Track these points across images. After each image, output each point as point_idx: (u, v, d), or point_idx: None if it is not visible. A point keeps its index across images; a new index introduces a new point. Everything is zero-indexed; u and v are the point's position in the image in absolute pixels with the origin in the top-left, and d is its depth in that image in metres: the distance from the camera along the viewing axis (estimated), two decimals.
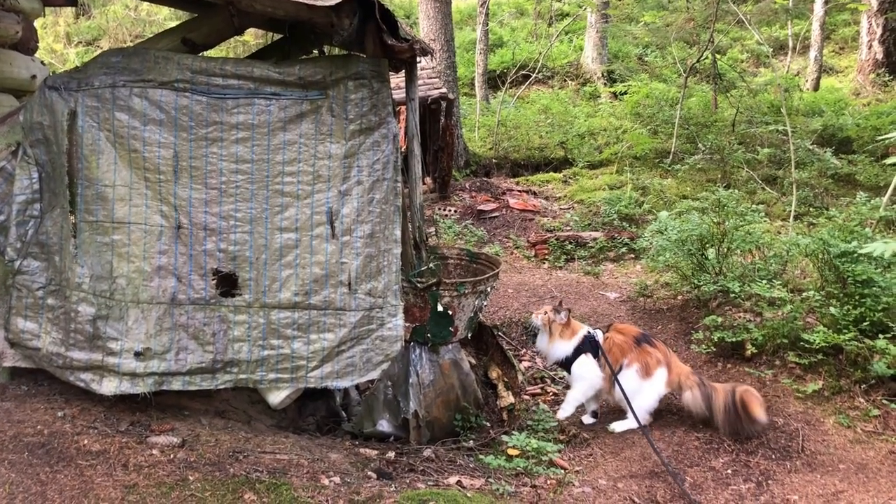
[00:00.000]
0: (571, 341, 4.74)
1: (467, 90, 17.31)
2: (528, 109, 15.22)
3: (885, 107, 12.53)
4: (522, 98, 16.61)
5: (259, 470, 3.76)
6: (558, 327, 4.76)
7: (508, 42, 19.90)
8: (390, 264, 4.12)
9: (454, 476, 4.13)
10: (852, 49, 19.03)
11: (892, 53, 15.80)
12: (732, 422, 4.40)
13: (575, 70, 18.43)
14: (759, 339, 5.18)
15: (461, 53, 18.82)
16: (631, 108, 13.81)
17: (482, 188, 10.72)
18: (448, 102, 9.94)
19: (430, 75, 10.26)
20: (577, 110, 14.97)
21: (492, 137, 13.24)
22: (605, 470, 4.30)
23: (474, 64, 16.81)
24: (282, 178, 4.00)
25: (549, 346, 4.81)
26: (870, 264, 5.17)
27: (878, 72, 15.53)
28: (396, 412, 4.57)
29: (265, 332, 4.07)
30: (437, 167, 10.04)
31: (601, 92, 16.57)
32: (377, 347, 4.15)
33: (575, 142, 12.99)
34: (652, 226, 6.85)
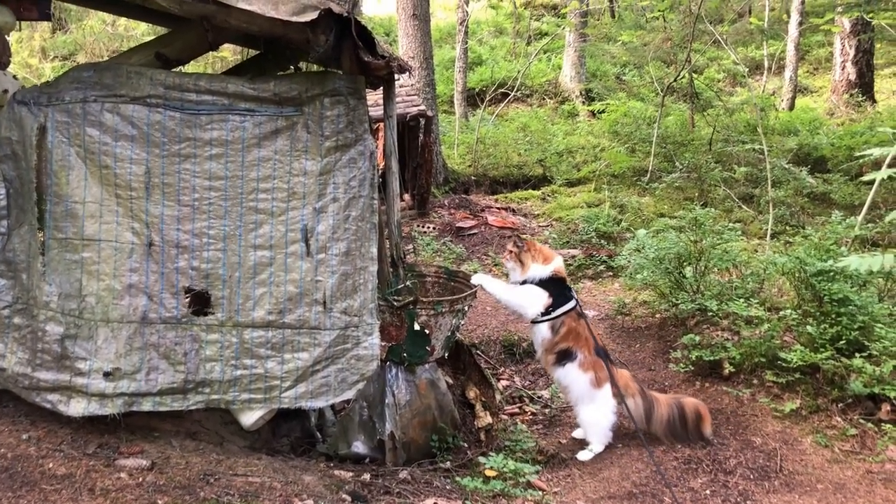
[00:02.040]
0: (548, 265, 4.70)
1: (446, 108, 17.34)
2: (507, 127, 15.27)
3: (859, 127, 12.70)
4: (501, 116, 16.67)
5: (230, 493, 3.67)
6: (526, 255, 4.70)
7: (487, 60, 20.00)
8: (366, 282, 4.06)
9: (430, 498, 4.06)
10: (826, 69, 19.34)
11: (865, 74, 16.07)
12: (677, 434, 4.53)
13: (553, 88, 18.55)
14: (736, 357, 5.17)
15: (440, 71, 18.88)
16: (609, 126, 13.89)
17: (461, 205, 10.70)
18: (427, 120, 9.93)
19: (408, 92, 10.25)
20: (556, 128, 15.04)
21: (471, 155, 13.25)
22: (583, 491, 4.26)
23: (453, 82, 16.85)
24: (256, 194, 3.94)
25: (524, 275, 4.72)
26: (846, 283, 5.20)
27: (852, 92, 15.78)
28: (372, 433, 4.49)
29: (238, 351, 3.99)
30: (415, 184, 10.01)
31: (579, 110, 16.67)
32: (352, 367, 4.08)
33: (553, 160, 13.04)
34: (629, 244, 6.85)
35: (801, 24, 15.72)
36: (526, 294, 4.66)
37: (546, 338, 4.63)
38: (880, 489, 4.13)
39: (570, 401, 4.83)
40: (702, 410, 4.56)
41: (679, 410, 4.54)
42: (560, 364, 4.62)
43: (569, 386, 4.65)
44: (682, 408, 4.55)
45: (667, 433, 4.56)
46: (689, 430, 4.53)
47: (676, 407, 4.56)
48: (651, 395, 4.67)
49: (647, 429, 4.62)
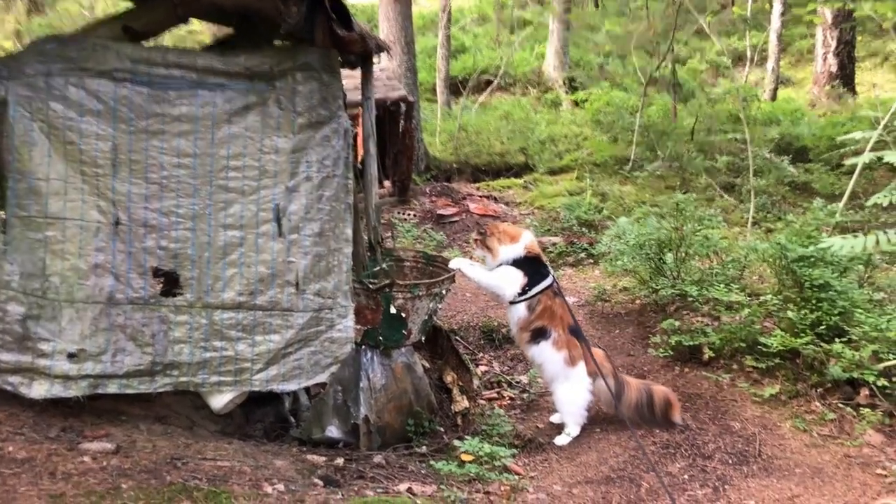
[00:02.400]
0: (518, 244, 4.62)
1: (429, 96, 17.20)
2: (490, 115, 15.18)
3: (841, 118, 12.73)
4: (485, 104, 16.57)
5: (198, 477, 3.58)
6: (492, 239, 4.62)
7: (471, 48, 19.86)
8: (340, 264, 3.97)
9: (405, 483, 3.99)
10: (808, 61, 19.36)
11: (846, 66, 16.11)
12: (644, 418, 4.53)
13: (537, 77, 18.46)
14: (716, 343, 5.14)
15: (423, 59, 18.73)
16: (591, 115, 13.84)
17: (442, 193, 10.61)
18: (408, 105, 9.80)
19: (389, 77, 10.12)
20: (539, 117, 14.97)
21: (453, 142, 13.15)
22: (560, 476, 4.21)
23: (436, 70, 16.72)
24: (226, 172, 3.83)
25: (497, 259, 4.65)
26: (826, 269, 5.17)
27: (833, 84, 15.81)
28: (346, 417, 4.41)
29: (207, 333, 3.89)
30: (396, 171, 9.90)
31: (562, 99, 16.61)
32: (326, 350, 4.00)
33: (536, 148, 12.97)
34: (610, 230, 6.80)
35: (783, 15, 15.72)
36: (502, 276, 4.59)
37: (522, 316, 4.58)
38: (857, 473, 4.11)
39: (545, 379, 4.80)
40: (671, 398, 4.55)
41: (648, 396, 4.53)
42: (534, 342, 4.57)
43: (543, 364, 4.61)
44: (651, 394, 4.54)
45: (634, 416, 4.54)
46: (657, 416, 4.53)
47: (646, 392, 4.55)
48: (623, 377, 4.66)
49: (615, 411, 4.63)
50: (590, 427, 4.76)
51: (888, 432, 4.44)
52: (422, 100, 15.00)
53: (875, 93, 15.98)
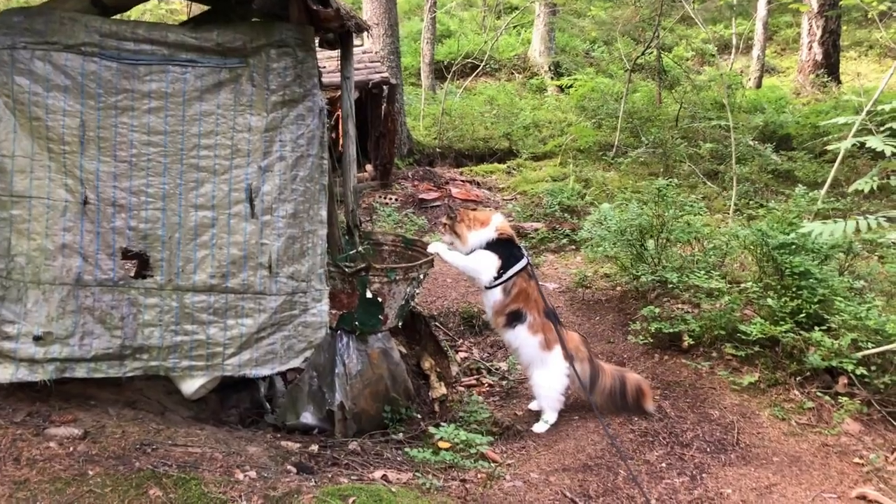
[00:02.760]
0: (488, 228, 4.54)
1: (413, 80, 17.04)
2: (474, 100, 15.06)
3: (824, 106, 12.73)
4: (469, 89, 16.44)
5: (168, 464, 3.51)
6: (460, 225, 4.54)
7: (456, 32, 19.70)
8: (315, 246, 3.89)
9: (380, 470, 3.93)
10: (793, 50, 19.39)
11: (831, 55, 16.11)
12: (617, 405, 4.52)
13: (522, 63, 18.34)
14: (696, 330, 5.10)
15: (408, 43, 18.57)
16: (576, 101, 13.75)
17: (425, 177, 10.51)
18: (390, 87, 9.68)
19: (371, 59, 9.98)
20: (523, 102, 14.87)
21: (436, 127, 13.03)
22: (537, 463, 4.17)
23: (420, 53, 16.57)
24: (197, 151, 3.73)
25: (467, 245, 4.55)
26: (807, 256, 5.15)
27: (818, 72, 15.81)
28: (321, 404, 4.34)
29: (178, 316, 3.80)
30: (378, 154, 9.78)
31: (547, 85, 16.51)
32: (300, 334, 3.92)
33: (520, 133, 12.88)
34: (592, 216, 6.74)
35: (769, 2, 15.68)
36: (479, 260, 4.53)
37: (498, 300, 4.52)
38: (835, 461, 4.10)
39: (522, 364, 4.77)
40: (643, 387, 4.53)
41: (621, 383, 4.52)
42: (510, 326, 4.53)
43: (519, 348, 4.57)
44: (623, 381, 4.52)
45: (607, 403, 4.54)
46: (629, 403, 4.51)
47: (619, 379, 4.53)
48: (598, 363, 4.63)
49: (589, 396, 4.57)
50: (568, 414, 4.73)
51: (866, 421, 4.44)
52: (406, 84, 14.86)
53: (859, 82, 16.02)
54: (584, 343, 4.69)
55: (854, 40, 19.64)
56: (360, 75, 9.20)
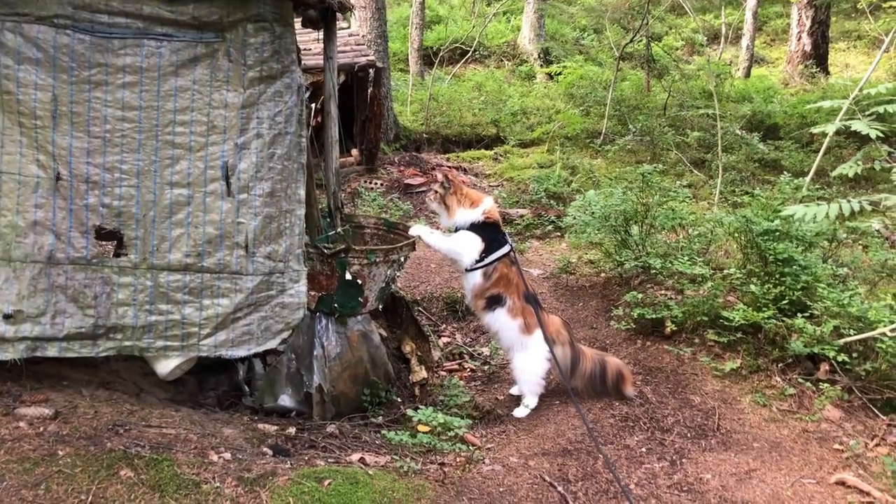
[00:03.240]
0: (477, 209, 4.46)
1: (402, 66, 16.94)
2: (463, 87, 14.98)
3: (812, 96, 12.72)
4: (458, 76, 16.34)
5: (140, 444, 3.46)
6: (451, 197, 4.46)
7: (445, 19, 19.58)
8: (293, 226, 3.83)
9: (358, 453, 3.89)
10: (783, 41, 19.38)
11: (820, 46, 16.11)
12: (596, 390, 4.50)
13: (512, 50, 18.24)
14: (679, 316, 5.07)
15: (397, 29, 18.45)
16: (565, 88, 13.69)
17: (411, 163, 10.43)
18: (377, 71, 9.58)
19: (357, 42, 9.87)
20: (512, 89, 14.80)
21: (424, 112, 12.94)
22: (517, 447, 4.13)
23: (409, 39, 16.45)
24: (173, 127, 3.65)
25: (452, 219, 4.49)
26: (791, 243, 5.12)
27: (806, 63, 15.80)
28: (299, 386, 4.29)
29: (153, 295, 3.73)
30: (363, 139, 9.69)
31: (536, 72, 16.43)
32: (277, 315, 3.87)
33: (507, 120, 12.81)
34: (576, 201, 6.70)
35: None
36: (461, 242, 4.47)
37: (478, 283, 4.47)
38: (815, 448, 4.08)
39: (503, 348, 4.73)
40: (623, 371, 4.51)
41: (601, 368, 4.49)
42: (490, 309, 4.49)
43: (499, 332, 4.52)
44: (604, 366, 4.49)
45: (587, 387, 4.52)
46: (609, 388, 4.49)
47: (599, 364, 4.50)
48: (579, 347, 4.59)
49: (569, 380, 4.56)
50: (549, 399, 4.70)
51: (846, 408, 4.43)
52: (394, 70, 14.76)
53: (848, 73, 16.03)
54: (564, 327, 4.65)
55: (843, 31, 19.65)
56: (346, 58, 9.11)
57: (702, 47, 18.60)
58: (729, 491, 3.67)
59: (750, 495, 3.65)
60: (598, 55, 16.73)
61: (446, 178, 4.49)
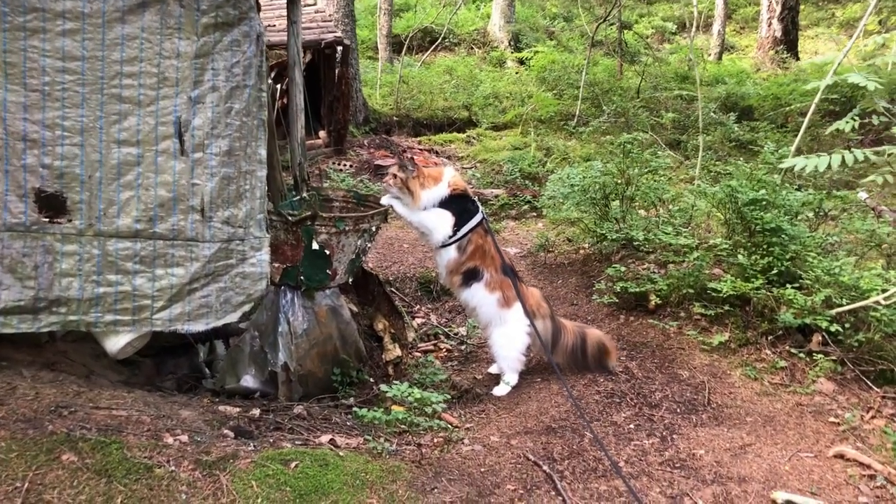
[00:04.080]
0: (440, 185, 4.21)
1: (371, 54, 16.64)
2: (433, 70, 14.71)
3: (785, 78, 12.68)
4: (427, 64, 16.07)
5: (86, 427, 3.14)
6: (414, 181, 4.18)
7: (415, 6, 19.29)
8: (253, 189, 3.52)
9: (327, 434, 3.61)
10: (752, 28, 19.42)
11: (790, 31, 16.11)
12: (577, 363, 4.34)
13: (482, 38, 18.01)
14: (664, 289, 4.87)
15: (365, 17, 18.13)
16: (537, 72, 13.49)
17: (382, 146, 10.13)
18: (344, 48, 9.25)
19: (324, 18, 9.52)
20: (483, 74, 14.56)
21: (394, 96, 12.64)
22: (497, 426, 3.90)
23: (377, 26, 16.13)
24: (119, 80, 3.32)
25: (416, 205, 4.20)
26: (778, 212, 4.94)
27: (777, 49, 15.78)
28: (264, 365, 3.99)
29: (100, 265, 3.40)
30: (331, 120, 9.35)
31: (507, 58, 16.22)
32: (237, 286, 3.56)
33: (480, 103, 12.57)
34: (554, 175, 6.46)
35: None
36: (434, 218, 4.22)
37: (452, 258, 4.23)
38: (810, 421, 3.93)
39: (480, 324, 4.52)
40: (605, 343, 4.34)
41: (581, 341, 4.30)
42: (466, 285, 4.26)
43: (476, 307, 4.30)
44: (584, 338, 4.31)
45: (569, 362, 4.34)
46: (590, 361, 4.31)
47: (580, 336, 4.32)
48: (560, 320, 4.40)
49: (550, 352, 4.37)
50: (530, 377, 4.48)
51: (839, 380, 4.27)
52: (363, 59, 14.42)
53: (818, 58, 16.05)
54: (545, 299, 4.43)
55: (811, 20, 19.73)
56: (312, 35, 8.77)
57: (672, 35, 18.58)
58: (724, 466, 3.48)
59: (746, 470, 3.47)
60: (568, 42, 16.57)
61: (410, 160, 4.24)
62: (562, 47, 16.03)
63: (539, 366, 4.61)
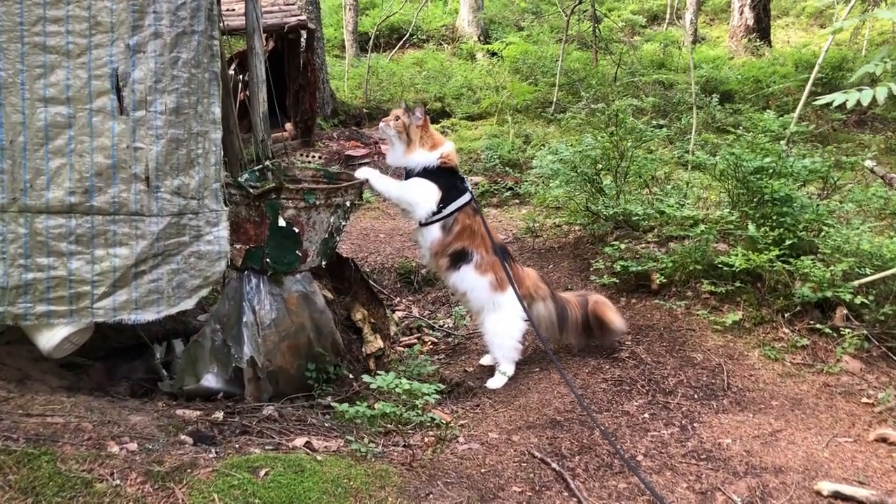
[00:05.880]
0: (434, 152, 3.87)
1: (337, 52, 16.17)
2: (403, 63, 14.28)
3: (763, 62, 12.45)
4: (396, 60, 15.64)
5: (13, 437, 2.66)
6: (416, 131, 3.85)
7: (381, 4, 18.85)
8: (207, 153, 3.02)
9: (302, 437, 3.14)
10: (722, 20, 19.30)
11: (762, 20, 15.94)
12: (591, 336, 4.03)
13: (451, 34, 17.62)
14: (668, 266, 4.46)
15: (330, 15, 17.63)
16: (510, 62, 13.11)
17: (351, 138, 9.65)
18: (309, 33, 8.76)
19: (287, 1, 9.00)
20: (454, 67, 14.16)
21: (363, 88, 12.16)
22: (495, 422, 3.47)
23: (343, 23, 15.66)
24: (43, 25, 2.80)
25: (405, 157, 3.89)
26: (787, 180, 4.56)
27: (750, 37, 15.59)
28: (227, 362, 3.49)
29: (28, 246, 2.89)
30: (298, 110, 8.85)
31: (477, 51, 15.83)
32: (192, 267, 3.06)
33: (453, 94, 12.16)
34: (542, 152, 6.03)
35: None
36: (416, 189, 3.81)
37: (436, 238, 3.82)
38: (842, 403, 3.59)
39: (472, 311, 4.13)
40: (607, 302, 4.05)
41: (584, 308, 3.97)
42: (454, 267, 3.84)
43: (467, 292, 3.89)
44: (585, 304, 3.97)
45: (581, 337, 4.01)
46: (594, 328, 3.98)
47: (582, 305, 3.98)
48: (561, 296, 4.04)
49: (559, 338, 4.06)
50: (527, 367, 4.08)
51: (865, 358, 3.90)
52: (329, 56, 13.93)
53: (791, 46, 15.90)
54: (542, 280, 4.03)
55: (780, 10, 19.64)
56: (274, 18, 8.26)
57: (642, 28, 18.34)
58: (755, 456, 3.09)
59: (781, 459, 3.08)
60: (539, 36, 16.22)
61: (420, 107, 3.84)
62: (533, 40, 15.67)
63: (537, 354, 4.18)
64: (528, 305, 3.84)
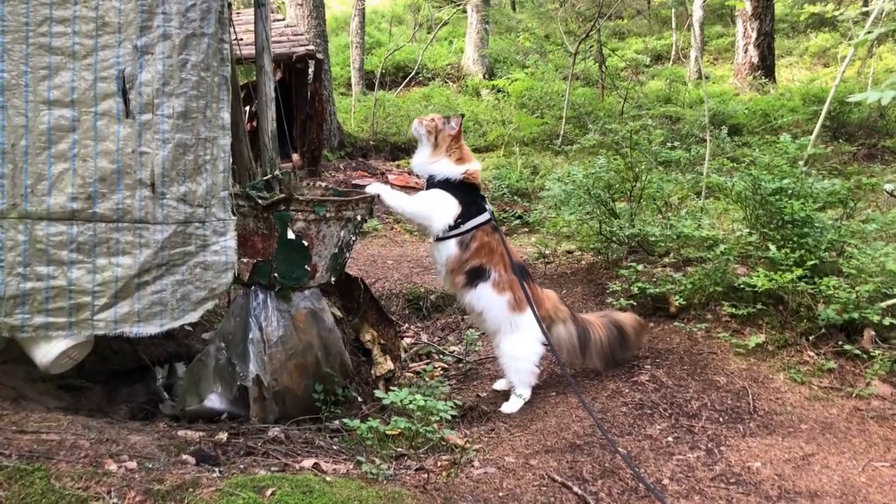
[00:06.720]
0: (461, 167, 3.76)
1: (343, 90, 16.26)
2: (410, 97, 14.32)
3: (770, 97, 12.46)
4: (402, 97, 15.72)
5: (6, 453, 2.51)
6: (446, 139, 3.75)
7: (387, 44, 19.03)
8: (215, 160, 2.91)
9: (310, 459, 2.98)
10: (726, 59, 19.41)
11: (766, 57, 16.01)
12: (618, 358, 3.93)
13: (456, 72, 17.74)
14: (687, 288, 4.32)
15: (337, 53, 17.78)
16: (516, 97, 13.13)
17: (358, 169, 9.59)
18: (317, 63, 8.75)
19: (295, 32, 9.01)
20: (460, 102, 14.20)
21: (369, 121, 12.15)
22: (512, 446, 3.32)
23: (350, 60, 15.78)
24: (49, 26, 2.72)
25: (429, 162, 3.80)
26: (807, 202, 4.46)
27: (755, 74, 15.64)
28: (232, 381, 3.34)
29: (27, 254, 2.77)
30: (304, 140, 8.80)
31: (483, 87, 15.91)
32: (198, 279, 2.94)
33: None
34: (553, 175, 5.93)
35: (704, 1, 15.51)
36: (433, 202, 3.70)
37: (453, 254, 3.68)
38: (875, 427, 3.43)
39: (488, 332, 3.96)
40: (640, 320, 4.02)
41: (617, 328, 3.86)
42: (471, 286, 3.70)
43: (483, 311, 3.74)
44: (619, 325, 3.87)
45: (607, 360, 3.88)
46: (631, 346, 3.92)
47: (614, 326, 3.85)
48: (582, 318, 3.89)
49: (582, 361, 3.90)
50: (543, 391, 3.94)
51: (894, 382, 3.73)
52: (336, 94, 14.01)
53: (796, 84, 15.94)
54: (561, 301, 3.90)
55: (784, 50, 19.76)
56: (282, 48, 8.26)
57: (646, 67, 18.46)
58: (788, 480, 2.93)
59: (816, 484, 2.91)
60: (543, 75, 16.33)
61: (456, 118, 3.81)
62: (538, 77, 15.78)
63: (553, 378, 4.04)
64: (547, 327, 3.70)
